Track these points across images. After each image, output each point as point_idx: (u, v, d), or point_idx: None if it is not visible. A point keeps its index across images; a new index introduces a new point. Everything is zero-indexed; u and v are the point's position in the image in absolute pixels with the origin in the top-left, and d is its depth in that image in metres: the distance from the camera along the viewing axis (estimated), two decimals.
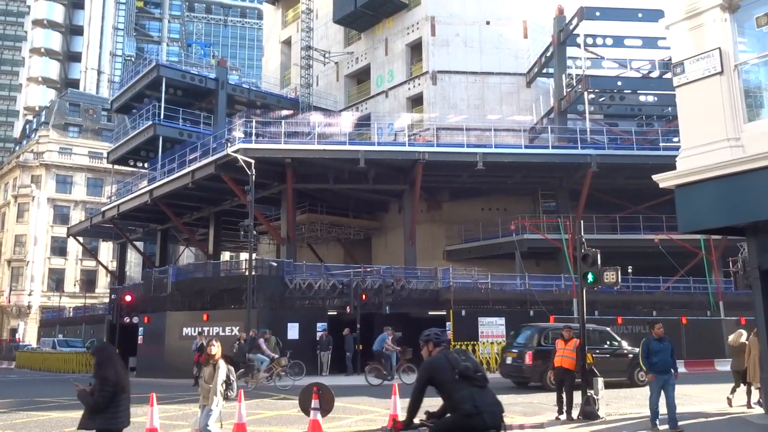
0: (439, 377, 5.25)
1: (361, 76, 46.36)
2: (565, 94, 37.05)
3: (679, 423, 11.93)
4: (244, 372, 20.24)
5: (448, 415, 5.32)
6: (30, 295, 62.49)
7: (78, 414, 14.33)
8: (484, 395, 5.26)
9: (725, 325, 27.97)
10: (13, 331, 60.22)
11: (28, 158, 67.41)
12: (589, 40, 38.14)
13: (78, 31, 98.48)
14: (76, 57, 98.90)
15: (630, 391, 18.30)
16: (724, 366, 26.40)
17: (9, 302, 61.77)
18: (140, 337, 28.63)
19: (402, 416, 5.50)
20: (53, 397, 17.37)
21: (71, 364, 33.88)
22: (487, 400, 5.26)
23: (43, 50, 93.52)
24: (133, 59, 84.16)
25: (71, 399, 17.66)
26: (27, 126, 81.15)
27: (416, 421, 5.33)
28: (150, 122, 40.32)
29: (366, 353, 25.93)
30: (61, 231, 60.90)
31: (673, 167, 11.90)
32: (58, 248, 64.99)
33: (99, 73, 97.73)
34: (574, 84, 36.79)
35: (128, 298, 30.61)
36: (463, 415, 5.14)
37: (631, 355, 19.12)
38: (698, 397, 16.59)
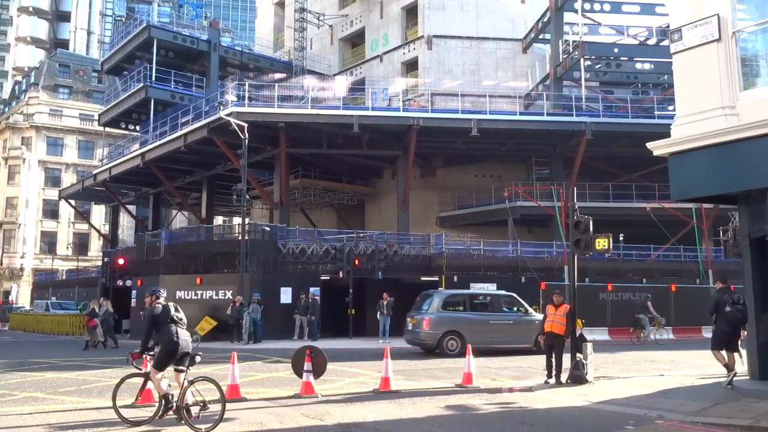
0: (158, 320, 8.65)
1: (356, 40, 45.76)
2: (561, 60, 36.75)
3: (667, 388, 12.15)
4: (634, 328, 24.76)
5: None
6: (23, 257, 62.42)
7: (71, 375, 14.49)
8: (182, 332, 8.64)
9: (713, 293, 28.31)
10: (6, 293, 60.31)
11: (18, 120, 66.57)
12: (587, 6, 37.68)
13: None
14: (65, 16, 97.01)
15: (618, 356, 18.59)
16: (710, 333, 26.86)
17: (2, 264, 61.74)
18: (133, 300, 28.70)
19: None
20: (47, 358, 17.50)
21: (65, 326, 34.02)
22: (182, 334, 8.63)
23: (31, 9, 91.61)
24: (123, 19, 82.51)
25: (65, 360, 17.83)
26: (16, 87, 79.97)
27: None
28: (141, 84, 39.83)
29: (358, 317, 26.18)
30: (52, 194, 60.57)
31: (667, 136, 11.88)
32: (50, 211, 64.70)
33: (89, 33, 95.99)
34: (571, 50, 36.47)
35: (121, 261, 30.66)
36: (167, 342, 8.54)
37: None
38: (685, 363, 16.88)
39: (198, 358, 8.80)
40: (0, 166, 65.02)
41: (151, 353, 8.85)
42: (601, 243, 13.11)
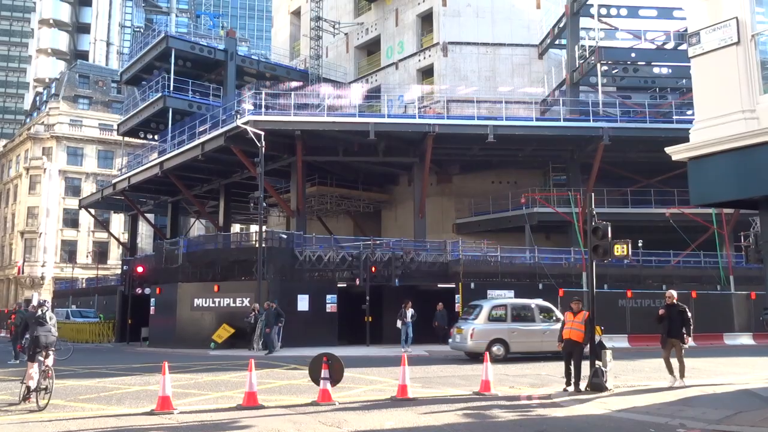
0: (29, 321, 12.15)
1: (371, 48, 45.93)
2: (577, 65, 36.56)
3: (688, 396, 11.99)
4: None
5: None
6: (43, 266, 63.21)
7: (91, 382, 14.60)
8: (44, 329, 11.35)
9: (735, 299, 27.94)
10: (27, 301, 60.98)
11: (39, 130, 67.59)
12: (603, 11, 37.48)
13: (87, 1, 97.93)
14: (85, 28, 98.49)
15: (638, 363, 18.36)
16: (732, 340, 26.52)
17: (22, 273, 62.54)
18: (152, 308, 28.95)
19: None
20: (67, 366, 17.63)
21: (84, 334, 34.40)
22: (43, 331, 11.32)
23: (51, 21, 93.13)
24: (141, 30, 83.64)
25: (85, 368, 17.97)
26: (37, 98, 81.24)
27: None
28: (159, 94, 40.26)
29: (375, 325, 26.16)
30: (72, 203, 61.34)
31: (686, 140, 11.75)
32: (70, 220, 65.51)
33: (108, 44, 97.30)
34: (587, 55, 36.26)
35: (140, 269, 30.93)
36: (32, 336, 11.39)
37: None
38: (707, 371, 16.63)
39: (50, 353, 11.36)
40: (21, 176, 66.00)
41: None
42: (620, 249, 12.97)
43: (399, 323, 23.42)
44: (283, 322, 23.59)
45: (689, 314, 13.25)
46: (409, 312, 23.50)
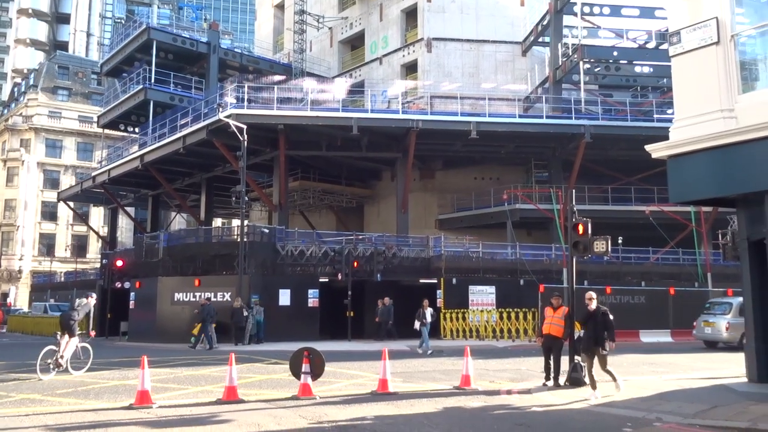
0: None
1: (355, 42, 45.81)
2: (560, 63, 36.80)
3: (665, 390, 12.15)
4: None
5: None
6: (21, 259, 62.35)
7: (68, 377, 14.45)
8: (69, 310, 14.91)
9: (712, 296, 28.31)
10: (4, 295, 60.24)
11: (17, 122, 66.58)
12: (586, 9, 37.76)
13: None
14: (64, 18, 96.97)
15: (617, 359, 18.51)
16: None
17: (0, 267, 61.65)
18: (132, 302, 28.67)
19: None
20: (45, 360, 17.42)
21: None
22: (66, 310, 15.41)
23: (30, 11, 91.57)
24: (123, 21, 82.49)
25: None
26: (15, 89, 79.92)
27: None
28: (140, 86, 39.83)
29: (356, 320, 26.16)
30: (51, 196, 60.58)
31: (666, 139, 11.89)
32: (49, 213, 64.68)
33: (88, 35, 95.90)
34: (570, 53, 36.52)
35: (119, 263, 30.64)
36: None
37: None
38: (684, 366, 16.87)
39: (57, 334, 14.59)
40: None
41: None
42: (600, 246, 13.09)
43: (417, 324, 21.39)
44: (213, 321, 23.19)
45: (611, 317, 11.85)
46: (428, 312, 21.62)
